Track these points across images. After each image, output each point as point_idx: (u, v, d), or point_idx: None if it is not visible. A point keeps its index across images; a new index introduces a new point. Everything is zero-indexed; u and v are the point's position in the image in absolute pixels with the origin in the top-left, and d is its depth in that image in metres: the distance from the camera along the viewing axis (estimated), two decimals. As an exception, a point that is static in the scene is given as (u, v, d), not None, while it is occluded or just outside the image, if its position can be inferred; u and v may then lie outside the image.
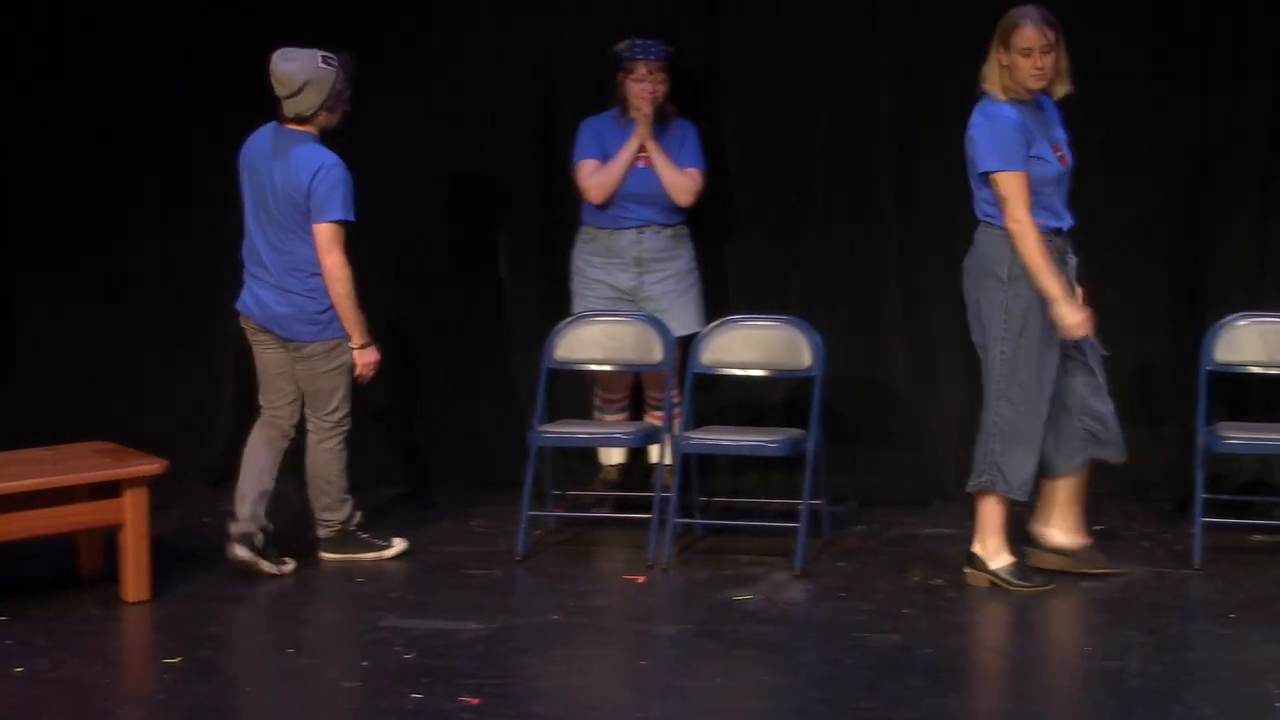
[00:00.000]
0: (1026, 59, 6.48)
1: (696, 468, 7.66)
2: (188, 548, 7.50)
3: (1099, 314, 7.74)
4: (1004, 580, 6.73)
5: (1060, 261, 6.62)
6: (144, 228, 8.66)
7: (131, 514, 6.72)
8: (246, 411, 8.52)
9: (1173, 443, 7.91)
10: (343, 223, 7.01)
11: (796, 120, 8.19)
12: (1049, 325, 6.57)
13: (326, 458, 7.27)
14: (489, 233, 8.41)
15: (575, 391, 8.23)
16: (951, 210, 8.09)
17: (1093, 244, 7.93)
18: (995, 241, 6.62)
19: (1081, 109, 7.89)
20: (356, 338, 7.12)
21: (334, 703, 5.83)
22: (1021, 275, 6.55)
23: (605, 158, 7.72)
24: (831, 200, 8.18)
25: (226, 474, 8.48)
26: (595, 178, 7.70)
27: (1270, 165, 7.85)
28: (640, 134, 7.68)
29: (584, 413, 8.14)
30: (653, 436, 7.48)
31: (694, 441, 7.41)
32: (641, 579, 7.07)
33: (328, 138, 7.09)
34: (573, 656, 6.18)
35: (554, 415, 7.80)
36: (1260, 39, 7.81)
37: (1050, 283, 6.50)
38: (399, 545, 7.39)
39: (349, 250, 7.05)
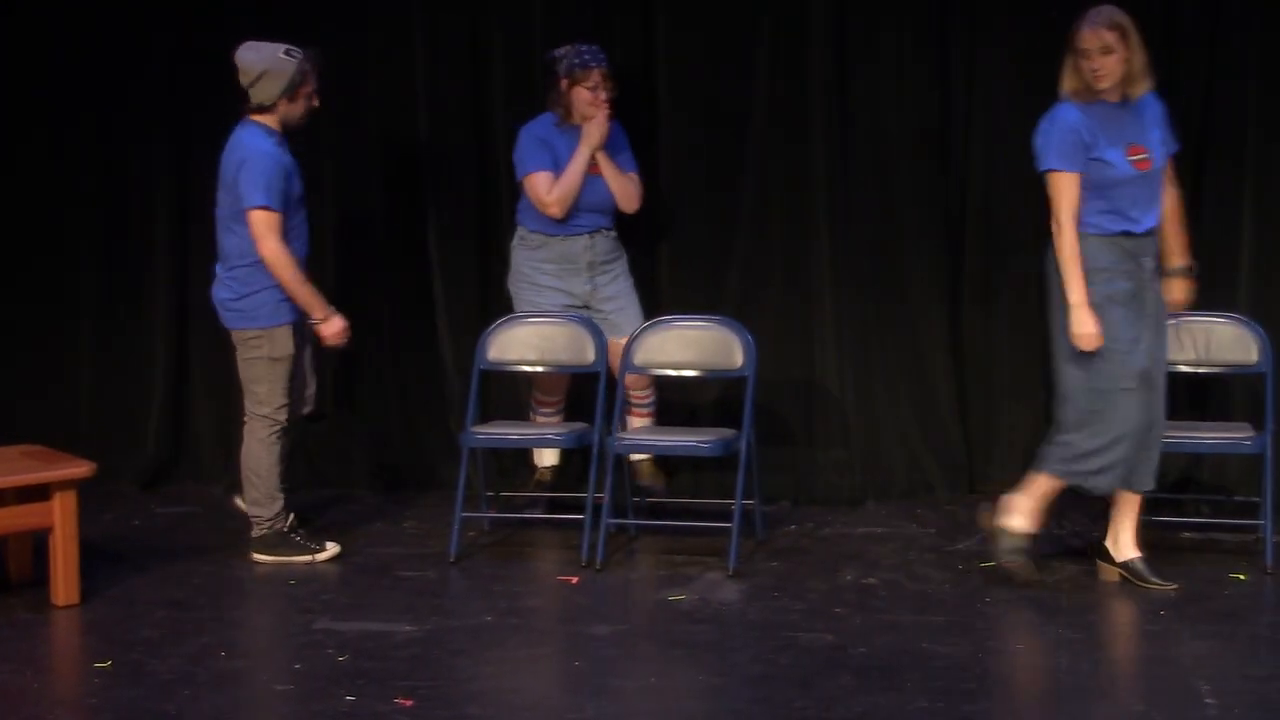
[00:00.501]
0: (1086, 60, 6.51)
1: (630, 468, 7.67)
2: (118, 550, 7.45)
3: (1030, 314, 7.82)
4: (1133, 575, 6.75)
5: (1133, 264, 6.57)
6: (77, 228, 8.60)
7: (60, 517, 6.67)
8: (178, 413, 8.52)
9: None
10: (271, 209, 7.07)
11: (730, 120, 8.20)
12: (1127, 322, 6.57)
13: (255, 450, 7.27)
14: (421, 232, 8.39)
15: (508, 392, 8.22)
16: (885, 211, 8.14)
17: (1024, 245, 8.03)
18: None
19: (1013, 110, 8.00)
20: (317, 313, 7.25)
21: (267, 706, 5.81)
22: (1092, 272, 6.55)
23: (556, 167, 7.64)
24: (764, 201, 8.20)
25: (158, 476, 8.46)
26: (556, 193, 7.60)
27: (1196, 173, 7.88)
28: (593, 144, 7.61)
29: (517, 414, 8.12)
30: (584, 438, 7.47)
31: (626, 441, 7.41)
32: (575, 580, 7.06)
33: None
34: (506, 658, 6.17)
35: (487, 416, 7.79)
36: (1191, 57, 7.86)
37: (1073, 287, 6.52)
38: (332, 549, 7.37)
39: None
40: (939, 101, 8.09)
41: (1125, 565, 6.78)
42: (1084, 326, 6.55)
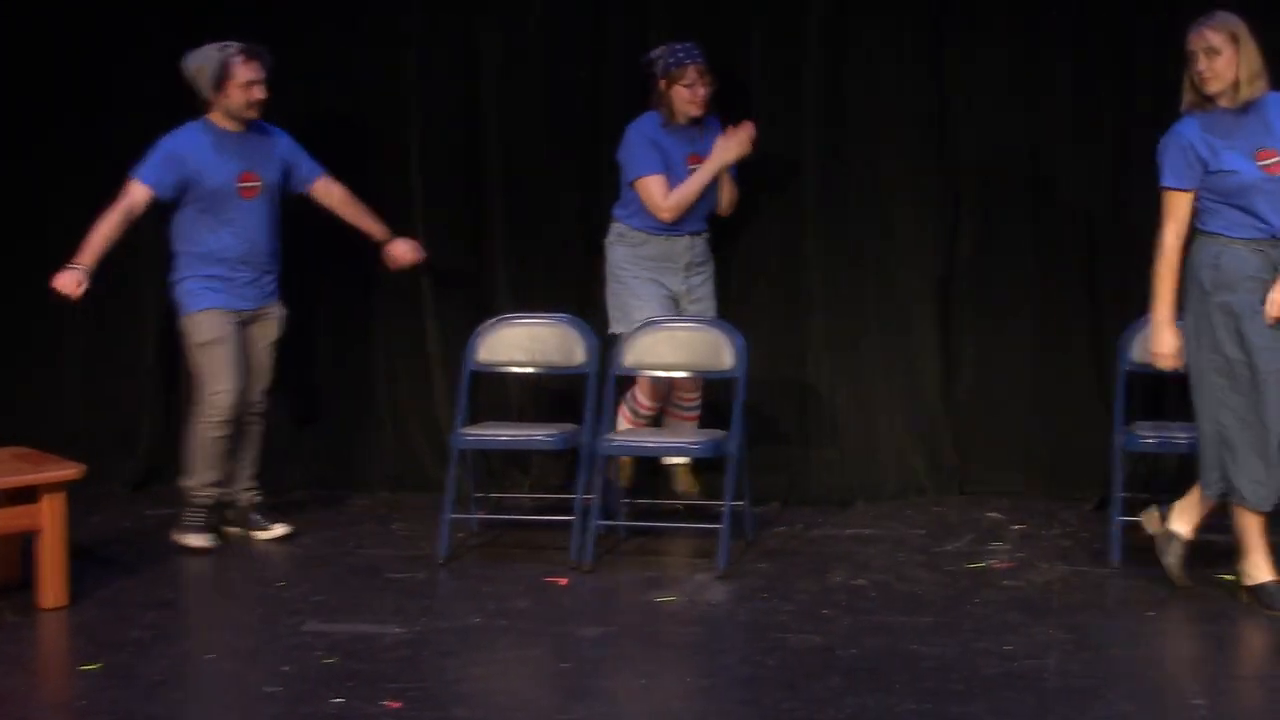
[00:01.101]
0: (1194, 64, 6.41)
1: (666, 473, 7.68)
2: (107, 553, 7.45)
3: (1021, 314, 7.84)
4: (1252, 597, 6.59)
5: (1270, 270, 6.40)
6: (64, 226, 8.54)
7: (49, 519, 6.66)
8: (167, 415, 8.50)
9: (1091, 443, 7.96)
10: (136, 180, 7.38)
11: (725, 114, 8.19)
12: (1255, 335, 6.42)
13: (194, 431, 7.52)
14: (410, 232, 8.37)
15: (498, 394, 8.22)
16: (876, 211, 8.14)
17: (1014, 247, 8.04)
18: (1194, 248, 6.54)
19: (1008, 110, 8.01)
20: (74, 261, 7.36)
21: (255, 708, 5.79)
22: (1239, 280, 6.43)
23: (667, 169, 7.67)
24: (754, 202, 8.19)
25: (149, 478, 8.46)
26: (673, 199, 7.66)
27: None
28: (726, 162, 7.66)
29: (506, 415, 8.13)
30: (572, 440, 7.46)
31: (615, 443, 7.41)
32: (564, 581, 7.06)
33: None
34: (495, 659, 6.17)
35: (476, 417, 7.79)
36: (1181, 55, 7.86)
37: (1157, 305, 6.49)
38: (198, 541, 7.48)
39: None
40: (932, 100, 8.09)
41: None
42: (1162, 346, 6.52)
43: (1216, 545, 7.27)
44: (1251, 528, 6.53)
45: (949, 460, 8.26)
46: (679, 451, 7.52)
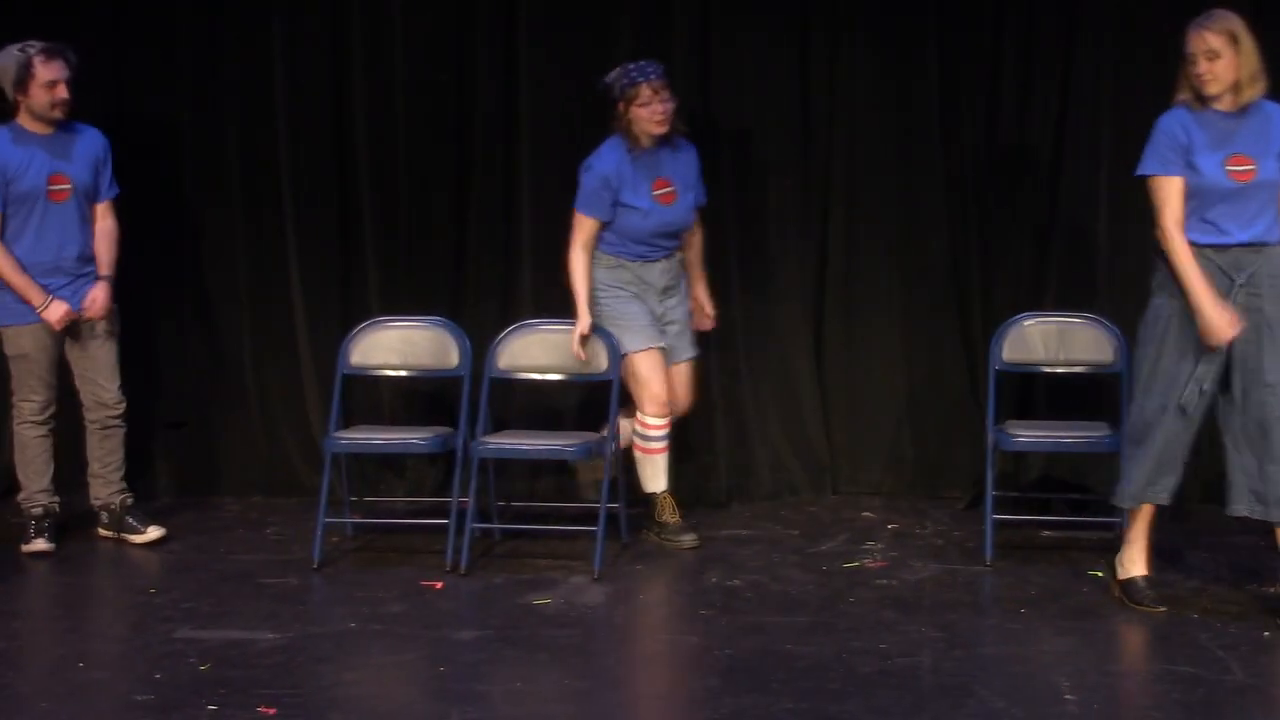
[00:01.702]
0: (1192, 65, 6.32)
1: (494, 472, 7.65)
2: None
3: (892, 315, 7.90)
4: (1120, 594, 6.63)
5: (1221, 278, 6.31)
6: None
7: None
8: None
9: (963, 442, 8.05)
10: None
11: (594, 119, 8.18)
12: (1191, 340, 6.36)
13: (15, 441, 7.55)
14: (280, 235, 8.31)
15: (371, 397, 8.17)
16: (751, 216, 8.17)
17: (886, 245, 8.09)
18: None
19: (877, 110, 8.07)
20: (34, 300, 7.30)
21: (127, 717, 5.71)
22: (1165, 285, 6.41)
23: (621, 204, 7.36)
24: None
25: (10, 486, 8.31)
26: (574, 262, 7.38)
27: (1053, 173, 8.01)
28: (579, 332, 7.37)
29: (379, 418, 8.08)
30: (448, 442, 7.43)
31: (491, 446, 7.38)
32: (439, 585, 7.03)
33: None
34: (370, 664, 6.13)
35: (349, 421, 7.73)
36: (1048, 56, 7.97)
37: (1194, 289, 6.26)
38: (39, 545, 7.44)
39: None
40: (800, 103, 8.13)
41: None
42: (1220, 322, 6.25)
43: (1083, 541, 7.38)
44: (1136, 521, 6.60)
45: (822, 461, 8.31)
46: (554, 454, 7.49)
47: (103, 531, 7.64)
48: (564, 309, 7.86)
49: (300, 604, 6.82)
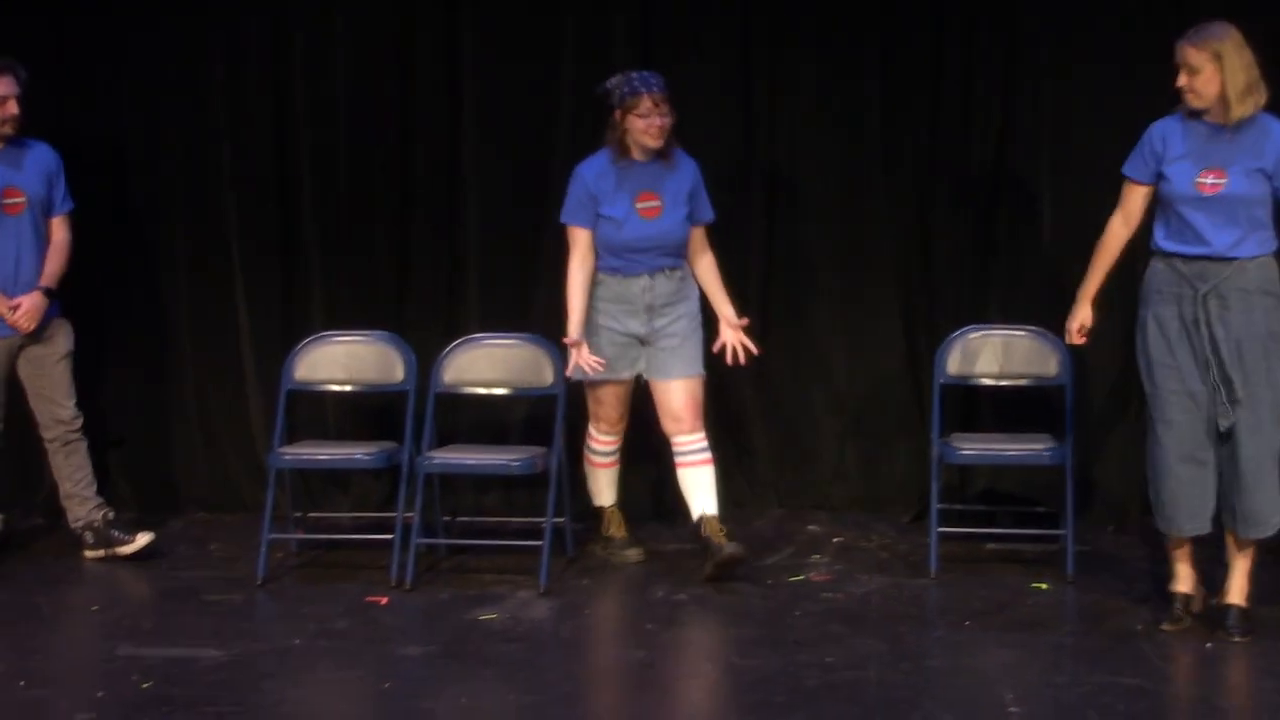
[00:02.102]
0: (1178, 77, 6.32)
1: (439, 487, 7.63)
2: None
3: (835, 330, 7.90)
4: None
5: (1186, 287, 6.30)
6: None
7: None
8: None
9: (908, 455, 8.07)
10: None
11: (538, 138, 8.20)
12: (1169, 352, 6.39)
13: None
14: (224, 248, 8.28)
15: (316, 412, 8.14)
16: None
17: (828, 259, 8.11)
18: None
19: (819, 127, 8.09)
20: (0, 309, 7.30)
21: (68, 735, 5.69)
22: (1142, 296, 6.47)
23: (600, 215, 7.17)
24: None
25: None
26: (572, 281, 7.18)
27: (995, 189, 8.05)
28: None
29: (324, 433, 8.05)
30: (393, 457, 7.41)
31: (436, 461, 7.36)
32: (384, 600, 7.01)
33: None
34: (315, 680, 6.11)
35: (293, 436, 7.70)
36: (989, 73, 8.01)
37: (1084, 282, 6.61)
38: None
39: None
40: (742, 119, 8.15)
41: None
42: (1072, 320, 6.65)
43: (1027, 554, 7.42)
44: (1169, 545, 6.55)
45: (767, 474, 8.32)
46: (499, 469, 7.48)
47: (89, 554, 7.55)
48: (509, 323, 7.87)
49: (244, 620, 6.78)
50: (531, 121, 8.19)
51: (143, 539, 7.53)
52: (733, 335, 7.31)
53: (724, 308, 7.38)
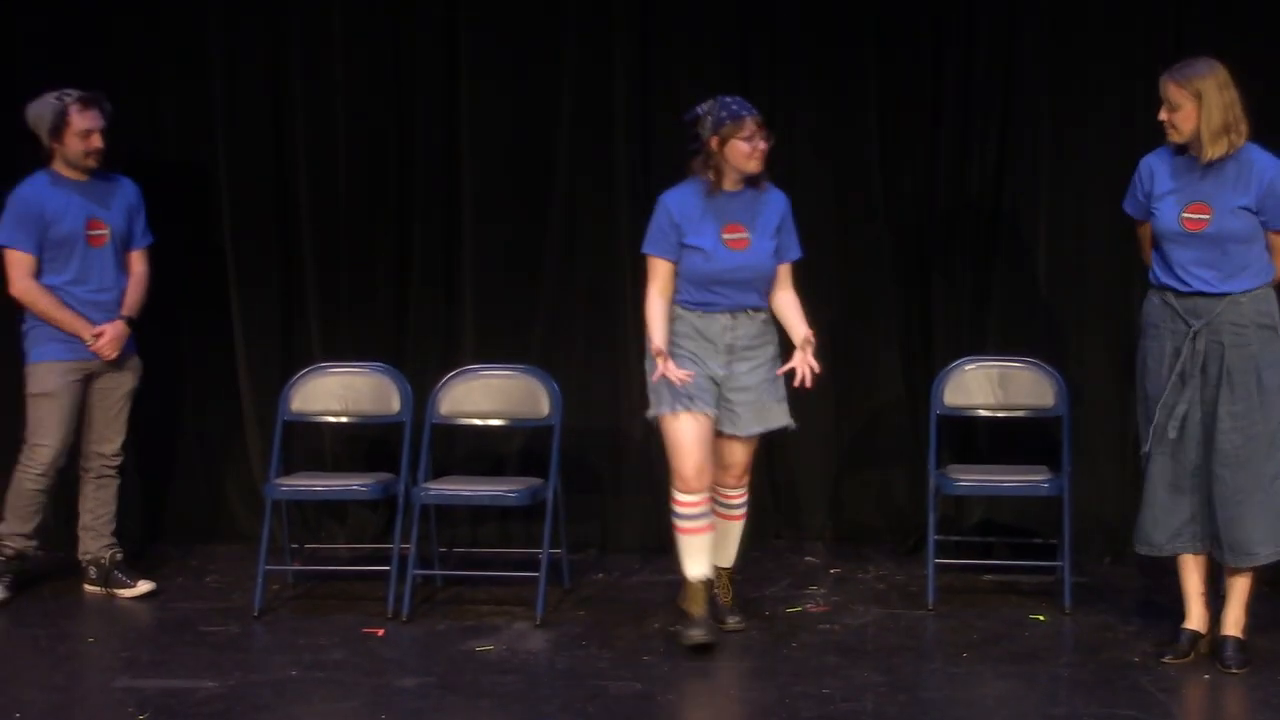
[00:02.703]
0: (1161, 110, 6.33)
1: (435, 518, 7.63)
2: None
3: (833, 360, 7.89)
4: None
5: (1180, 322, 6.31)
6: None
7: None
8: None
9: (905, 486, 8.08)
10: (15, 249, 7.30)
11: (537, 167, 8.21)
12: (1162, 385, 6.39)
13: (14, 475, 7.45)
14: (221, 279, 8.28)
15: (313, 443, 8.14)
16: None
17: (826, 291, 8.12)
18: None
19: (817, 158, 8.11)
20: (84, 335, 7.32)
21: (64, 767, 5.68)
22: (1144, 326, 6.48)
23: (685, 245, 6.73)
24: (570, 250, 8.21)
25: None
26: (652, 307, 6.76)
27: (993, 222, 8.06)
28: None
29: (321, 464, 8.05)
30: (390, 488, 7.40)
31: (432, 492, 7.36)
32: (381, 632, 7.00)
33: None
34: (311, 712, 6.09)
35: (290, 467, 7.70)
36: (987, 109, 8.02)
37: None
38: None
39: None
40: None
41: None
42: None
43: (1024, 585, 7.41)
44: (1180, 572, 6.55)
45: (764, 505, 8.31)
46: (496, 499, 7.48)
47: (90, 588, 7.54)
48: (505, 354, 7.88)
49: (241, 652, 6.77)
50: (530, 152, 8.20)
51: (143, 586, 7.50)
52: (801, 358, 6.77)
53: (799, 328, 6.86)
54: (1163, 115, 6.31)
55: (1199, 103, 6.22)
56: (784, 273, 6.94)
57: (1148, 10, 7.89)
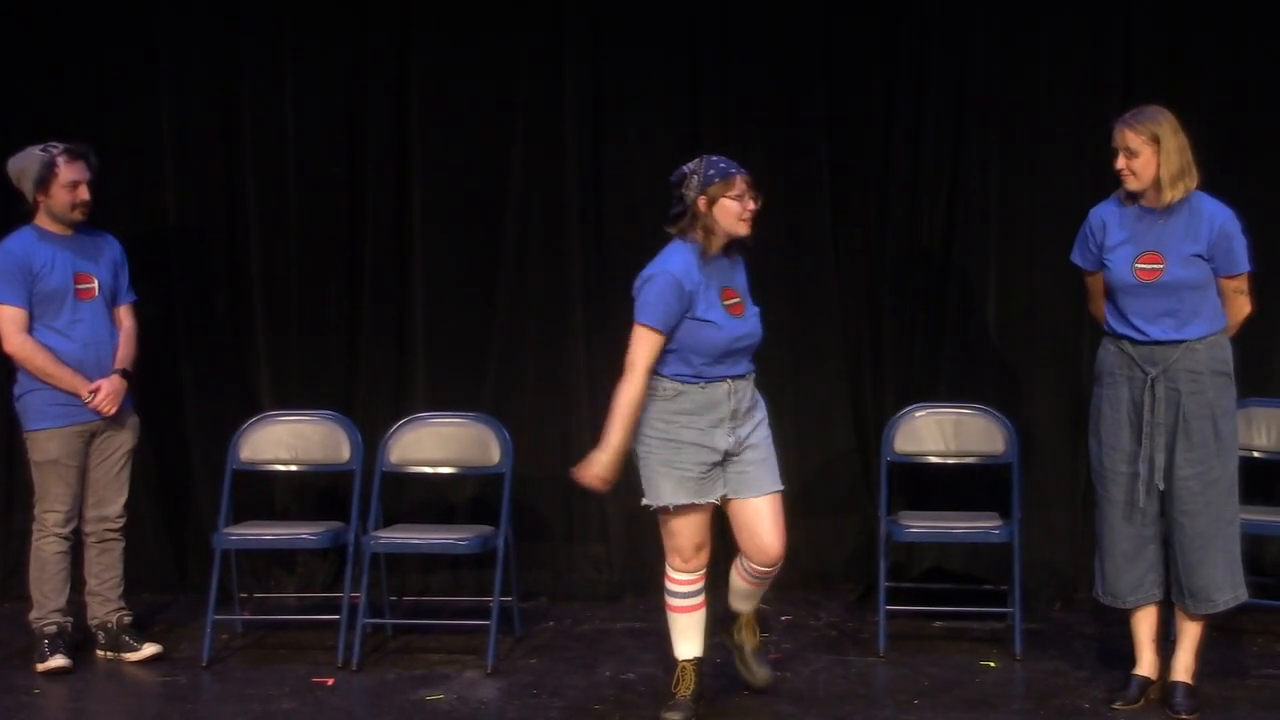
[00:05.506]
0: (1114, 159, 6.33)
1: (386, 566, 7.60)
2: None
3: (784, 408, 7.91)
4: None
5: (1136, 370, 6.32)
6: None
7: None
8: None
9: (856, 532, 8.09)
10: (7, 304, 7.13)
11: (489, 217, 8.21)
12: (1115, 426, 6.43)
13: (32, 548, 7.29)
14: (169, 326, 8.24)
15: (262, 492, 8.10)
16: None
17: (777, 338, 8.13)
18: None
19: (768, 206, 8.13)
20: (81, 393, 7.17)
21: (9, 820, 5.62)
22: (1097, 375, 6.50)
23: (694, 318, 6.27)
24: (522, 298, 8.21)
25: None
26: (627, 393, 6.26)
27: (943, 270, 8.09)
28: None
29: (270, 513, 8.01)
30: (339, 537, 7.37)
31: (382, 540, 7.34)
32: (330, 681, 6.96)
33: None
34: (261, 763, 6.06)
35: (239, 516, 7.66)
36: (938, 153, 8.07)
37: None
38: (57, 661, 7.15)
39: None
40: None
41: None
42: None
43: (975, 632, 7.42)
44: (1132, 621, 6.56)
45: (715, 553, 8.28)
46: (446, 548, 7.46)
47: (100, 652, 7.39)
48: (456, 401, 7.86)
49: (189, 703, 6.73)
50: (480, 201, 8.21)
51: (149, 649, 7.33)
52: None
53: None
54: (1120, 164, 6.33)
55: (1157, 147, 6.25)
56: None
57: (1097, 60, 7.95)
